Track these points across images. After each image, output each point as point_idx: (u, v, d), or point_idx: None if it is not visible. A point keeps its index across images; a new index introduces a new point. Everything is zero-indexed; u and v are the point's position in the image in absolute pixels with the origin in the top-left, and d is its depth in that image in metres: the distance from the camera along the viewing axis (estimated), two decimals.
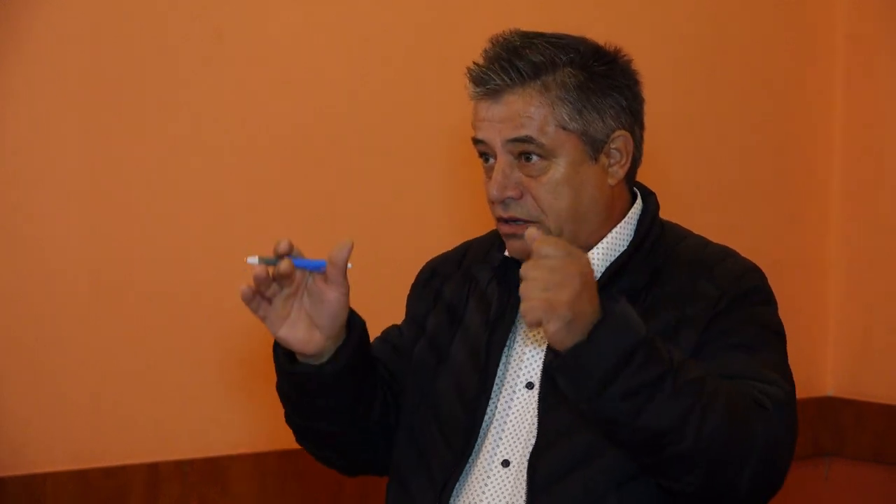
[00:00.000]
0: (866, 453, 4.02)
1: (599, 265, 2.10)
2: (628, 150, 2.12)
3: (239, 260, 3.19)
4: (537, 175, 2.06)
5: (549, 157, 2.06)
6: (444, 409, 2.12)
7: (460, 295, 2.21)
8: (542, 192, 2.06)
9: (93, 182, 3.05)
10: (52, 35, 2.99)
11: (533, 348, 2.10)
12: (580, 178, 2.07)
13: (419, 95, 3.43)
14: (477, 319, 2.16)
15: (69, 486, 3.01)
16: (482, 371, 2.11)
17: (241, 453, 3.20)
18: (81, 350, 3.03)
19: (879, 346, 4.05)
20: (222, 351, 3.18)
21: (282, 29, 3.24)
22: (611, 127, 2.09)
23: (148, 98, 3.09)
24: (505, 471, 2.06)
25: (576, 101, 2.06)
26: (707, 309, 2.03)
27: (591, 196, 2.09)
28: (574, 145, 2.07)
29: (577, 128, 2.07)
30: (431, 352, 2.19)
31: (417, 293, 2.29)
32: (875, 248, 4.07)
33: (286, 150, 3.26)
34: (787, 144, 4.11)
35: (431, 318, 2.23)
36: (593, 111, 2.08)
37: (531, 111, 2.05)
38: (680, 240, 2.17)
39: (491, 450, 2.08)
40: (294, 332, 2.04)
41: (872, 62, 4.09)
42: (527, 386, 2.09)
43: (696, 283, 2.06)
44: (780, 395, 1.97)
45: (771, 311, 2.10)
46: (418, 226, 3.43)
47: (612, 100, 2.10)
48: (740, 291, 2.06)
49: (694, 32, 3.94)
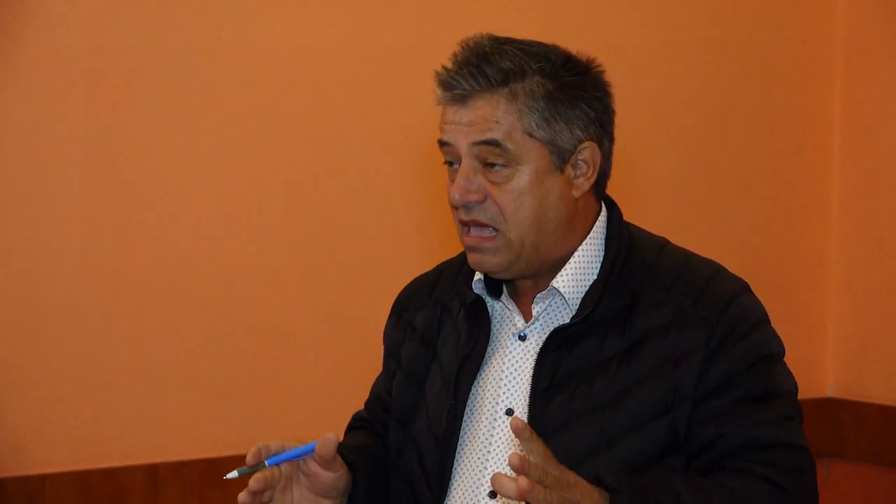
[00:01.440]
0: (865, 454, 4.02)
1: (570, 288, 2.06)
2: (595, 162, 2.07)
3: (238, 262, 3.21)
4: (501, 182, 2.02)
5: (513, 165, 2.02)
6: (422, 447, 2.10)
7: (432, 325, 2.18)
8: (505, 200, 2.02)
9: (92, 183, 3.05)
10: (53, 36, 2.99)
11: (511, 376, 2.07)
12: (544, 188, 2.03)
13: (419, 97, 3.43)
14: (450, 350, 2.13)
15: (69, 487, 3.01)
16: (451, 406, 2.08)
17: (239, 454, 3.19)
18: (81, 352, 3.03)
19: (879, 347, 4.05)
20: (221, 352, 3.18)
21: (282, 30, 3.24)
22: (578, 138, 2.05)
23: (148, 99, 3.09)
24: (493, 502, 2.03)
25: (543, 111, 2.02)
26: (700, 347, 2.00)
27: (554, 207, 2.04)
28: (540, 154, 2.03)
29: (544, 136, 2.03)
30: (409, 387, 2.17)
31: (391, 326, 2.27)
32: (874, 249, 4.07)
33: (286, 151, 3.26)
34: (786, 146, 4.11)
35: (405, 349, 2.20)
36: (561, 121, 2.03)
37: (499, 116, 2.01)
38: (656, 251, 2.12)
39: (475, 483, 2.05)
40: None
41: (870, 63, 4.09)
42: (507, 412, 2.05)
43: (683, 315, 2.01)
44: (794, 461, 1.97)
45: (763, 332, 2.06)
46: (418, 227, 3.43)
47: (581, 111, 2.05)
48: (731, 323, 2.02)
49: (693, 34, 3.94)
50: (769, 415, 1.99)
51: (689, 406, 1.98)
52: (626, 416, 1.98)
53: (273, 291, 3.25)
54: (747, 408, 1.98)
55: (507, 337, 2.10)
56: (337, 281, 3.32)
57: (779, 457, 1.96)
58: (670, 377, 1.99)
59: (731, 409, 1.98)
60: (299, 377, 3.26)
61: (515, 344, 2.08)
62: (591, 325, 2.03)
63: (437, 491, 2.07)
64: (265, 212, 3.23)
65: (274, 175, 3.25)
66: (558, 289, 2.06)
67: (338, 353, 3.29)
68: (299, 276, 3.27)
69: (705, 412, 1.98)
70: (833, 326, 4.17)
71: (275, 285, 3.25)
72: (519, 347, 2.08)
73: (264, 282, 3.23)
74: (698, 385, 1.99)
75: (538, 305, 2.08)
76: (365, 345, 2.31)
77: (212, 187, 3.18)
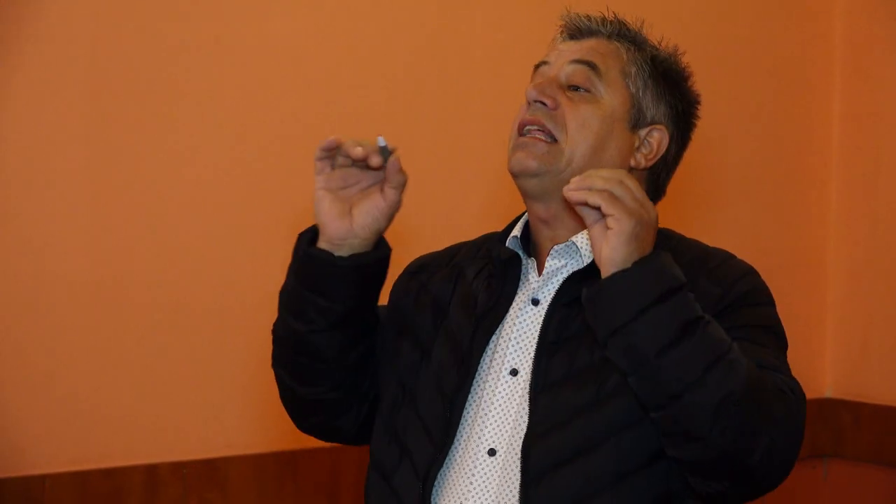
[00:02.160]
0: (865, 454, 4.02)
1: (590, 247, 2.05)
2: (660, 149, 2.15)
3: (237, 262, 3.21)
4: (578, 101, 2.09)
5: (597, 94, 2.09)
6: (425, 404, 2.09)
7: (446, 289, 2.19)
8: (574, 115, 2.08)
9: (92, 184, 3.05)
10: (53, 39, 2.99)
11: (519, 337, 2.08)
12: (611, 128, 2.10)
13: (419, 99, 3.43)
14: (461, 314, 2.14)
15: (68, 487, 3.01)
16: (463, 363, 2.08)
17: (239, 454, 3.20)
18: (80, 352, 3.03)
19: (878, 348, 4.05)
20: (221, 352, 3.18)
21: (280, 33, 3.24)
22: (659, 117, 2.14)
23: (147, 101, 3.09)
24: (491, 460, 2.02)
25: (645, 75, 2.13)
26: (710, 307, 2.01)
27: (611, 153, 2.10)
28: (623, 100, 2.11)
29: (635, 90, 2.12)
30: (415, 349, 2.17)
31: (403, 283, 2.28)
32: (873, 249, 4.07)
33: (285, 154, 3.26)
34: (785, 146, 4.11)
35: (415, 312, 2.20)
36: (653, 93, 2.14)
37: (607, 52, 2.12)
38: (676, 239, 2.17)
39: (476, 439, 2.04)
40: (332, 204, 2.07)
41: (870, 62, 4.09)
42: (511, 373, 2.06)
43: (697, 280, 2.04)
44: (797, 389, 1.98)
45: (773, 312, 2.11)
46: (416, 227, 3.43)
47: (673, 99, 2.16)
48: (742, 291, 2.06)
49: (691, 33, 3.94)
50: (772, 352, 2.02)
51: None
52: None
53: (273, 292, 3.24)
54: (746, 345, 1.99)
55: (523, 300, 2.11)
56: None
57: (784, 378, 1.97)
58: None
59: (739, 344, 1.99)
60: None
61: (529, 307, 2.09)
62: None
63: (439, 445, 2.05)
64: (264, 215, 3.23)
65: (274, 178, 3.25)
66: (577, 244, 2.08)
67: None
68: None
69: None
70: (832, 327, 4.18)
71: (275, 286, 3.25)
72: (531, 311, 2.09)
73: (265, 282, 3.23)
74: None
75: (554, 260, 2.09)
76: None
77: (211, 190, 3.18)
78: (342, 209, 2.07)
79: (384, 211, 2.08)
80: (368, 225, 2.07)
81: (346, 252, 2.08)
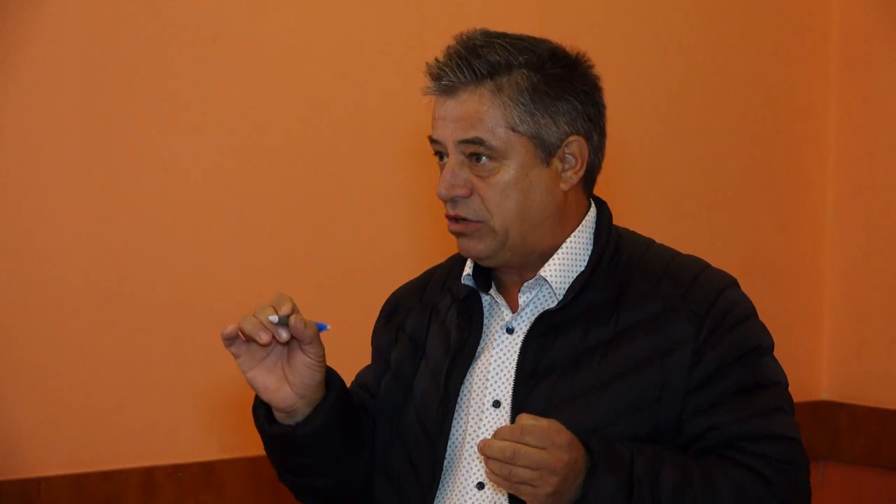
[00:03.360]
0: (860, 457, 4.03)
1: (558, 277, 2.08)
2: (583, 156, 2.09)
3: (233, 265, 3.21)
4: (487, 176, 2.05)
5: (499, 159, 2.05)
6: (411, 442, 2.11)
7: (421, 326, 2.20)
8: (490, 193, 2.05)
9: (90, 185, 3.05)
10: (49, 38, 2.99)
11: (498, 368, 2.09)
12: (529, 180, 2.06)
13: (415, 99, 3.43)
14: (438, 348, 2.15)
15: (64, 490, 3.00)
16: (443, 399, 2.09)
17: (235, 458, 3.20)
18: (76, 354, 3.03)
19: (873, 350, 4.05)
20: (217, 356, 3.17)
21: (277, 32, 3.24)
22: (564, 132, 2.07)
23: (143, 102, 3.09)
24: (480, 493, 2.05)
25: (528, 104, 2.04)
26: (689, 339, 2.01)
27: (539, 199, 2.06)
28: (525, 148, 2.05)
29: (529, 130, 2.05)
30: (397, 386, 2.18)
31: (381, 328, 2.29)
32: (869, 253, 4.07)
33: (282, 154, 3.26)
34: (781, 150, 4.11)
35: (395, 351, 2.22)
36: (546, 115, 2.05)
37: (483, 111, 2.04)
38: (643, 248, 2.14)
39: (464, 473, 2.06)
40: (265, 380, 2.06)
41: (866, 67, 4.09)
42: (493, 405, 2.07)
43: (671, 308, 2.03)
44: (783, 452, 1.98)
45: (752, 325, 2.08)
46: (413, 228, 3.43)
47: (568, 104, 2.07)
48: (719, 316, 2.03)
49: (686, 38, 3.94)
50: (759, 406, 2.00)
51: (678, 399, 2.00)
52: (608, 406, 1.99)
53: (269, 294, 3.24)
54: (737, 399, 2.00)
55: (496, 331, 2.11)
56: (333, 284, 3.32)
57: (767, 448, 1.97)
58: (658, 370, 2.01)
59: (721, 400, 2.00)
60: None
61: (503, 337, 2.10)
62: (577, 315, 2.05)
63: (428, 483, 2.08)
64: (261, 217, 3.23)
65: (270, 179, 3.25)
66: (545, 277, 2.08)
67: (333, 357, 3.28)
68: (295, 280, 3.27)
69: (695, 404, 2.00)
70: (828, 329, 4.18)
71: (270, 289, 3.25)
72: (507, 340, 2.10)
73: (260, 286, 3.23)
74: (688, 377, 2.00)
75: (525, 295, 2.10)
76: (361, 350, 2.31)
77: (207, 191, 3.18)
78: (277, 379, 2.06)
79: (313, 365, 2.05)
80: (307, 383, 2.06)
81: (301, 413, 2.08)
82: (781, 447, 1.98)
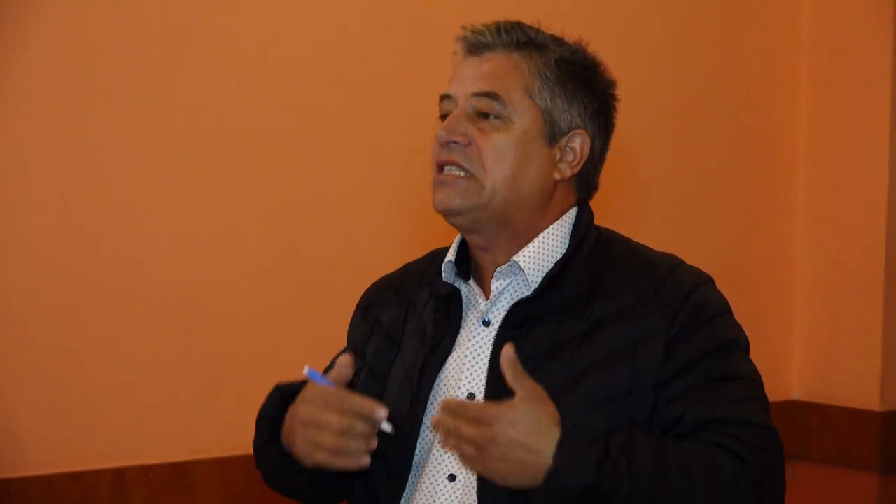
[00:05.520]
0: (831, 456, 4.05)
1: (532, 265, 2.08)
2: (583, 153, 2.13)
3: (209, 264, 3.20)
4: (490, 131, 2.07)
5: (506, 120, 2.07)
6: (384, 440, 2.10)
7: (397, 321, 2.21)
8: (488, 148, 2.07)
9: (77, 186, 3.03)
10: (31, 40, 2.98)
11: (473, 361, 2.09)
12: (528, 151, 2.08)
13: (401, 95, 3.43)
14: (413, 344, 2.16)
15: (35, 490, 2.99)
16: (415, 395, 2.09)
17: (206, 458, 3.19)
18: (47, 354, 3.01)
19: (845, 350, 4.07)
20: (188, 356, 3.17)
21: (262, 30, 3.24)
22: (575, 123, 2.11)
23: (125, 103, 3.08)
24: (451, 485, 2.05)
25: (551, 83, 2.09)
26: (661, 331, 2.02)
27: (532, 176, 2.09)
28: (534, 119, 2.09)
29: (544, 105, 2.09)
30: (371, 381, 2.19)
31: (358, 322, 2.30)
32: (841, 252, 4.09)
33: (266, 153, 3.26)
34: (752, 149, 4.13)
35: (371, 344, 2.23)
36: (563, 100, 2.10)
37: (507, 72, 2.08)
38: (620, 245, 2.16)
39: (435, 465, 2.07)
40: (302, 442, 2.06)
41: (836, 66, 4.12)
42: (468, 397, 2.07)
43: (645, 300, 2.04)
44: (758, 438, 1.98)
45: (726, 320, 2.09)
46: (408, 225, 3.43)
47: (585, 99, 2.13)
48: (692, 310, 2.04)
49: (657, 39, 3.95)
50: (731, 395, 2.00)
51: (650, 391, 2.00)
52: (582, 398, 2.00)
53: (243, 295, 3.24)
54: (711, 386, 2.00)
55: (473, 323, 2.12)
56: (311, 283, 3.32)
57: (743, 432, 1.97)
58: (631, 362, 2.01)
59: (695, 387, 2.00)
60: (269, 381, 3.25)
61: (479, 329, 2.11)
62: (551, 308, 2.06)
63: (396, 479, 2.08)
64: (237, 216, 3.23)
65: (262, 178, 3.24)
66: (519, 263, 2.08)
67: (310, 356, 3.28)
68: (271, 280, 3.27)
69: (669, 394, 2.00)
70: (799, 329, 4.20)
71: (246, 289, 3.25)
72: (482, 333, 2.10)
73: (235, 285, 3.23)
74: (660, 370, 2.01)
75: (498, 282, 2.10)
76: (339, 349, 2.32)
77: (204, 192, 3.17)
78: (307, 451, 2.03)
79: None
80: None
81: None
82: (756, 432, 1.98)
